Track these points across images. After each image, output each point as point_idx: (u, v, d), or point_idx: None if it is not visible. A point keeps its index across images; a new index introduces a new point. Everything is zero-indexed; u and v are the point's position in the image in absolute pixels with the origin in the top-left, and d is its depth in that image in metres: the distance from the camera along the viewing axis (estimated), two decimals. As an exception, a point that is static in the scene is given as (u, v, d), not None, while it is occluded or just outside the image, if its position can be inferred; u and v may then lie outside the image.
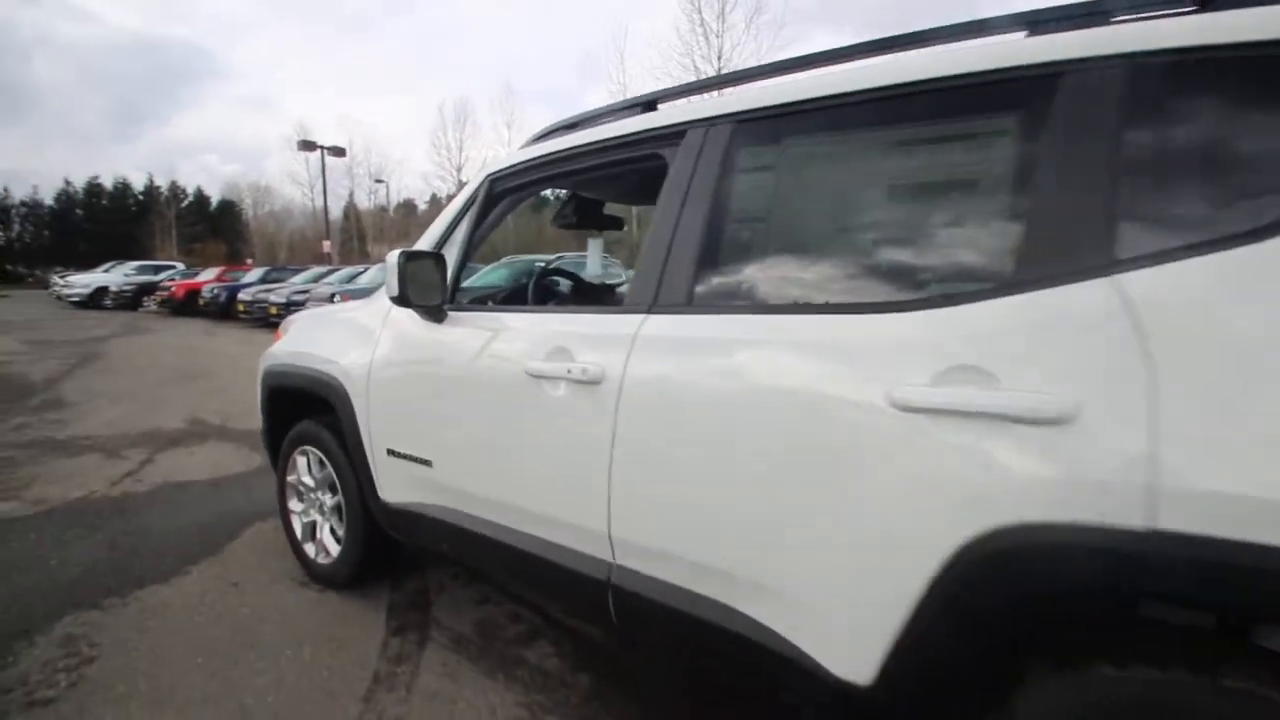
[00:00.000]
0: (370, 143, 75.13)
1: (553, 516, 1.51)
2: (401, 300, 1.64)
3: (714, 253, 1.34)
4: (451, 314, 1.78)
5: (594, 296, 2.44)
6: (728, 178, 1.33)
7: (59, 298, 21.18)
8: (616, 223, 2.52)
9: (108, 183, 52.80)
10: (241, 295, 14.00)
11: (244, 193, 50.90)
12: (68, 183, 51.81)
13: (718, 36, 19.44)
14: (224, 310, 14.75)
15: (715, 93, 1.43)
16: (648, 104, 1.58)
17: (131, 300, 19.04)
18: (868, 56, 1.23)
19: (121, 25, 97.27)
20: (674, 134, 1.43)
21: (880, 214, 1.21)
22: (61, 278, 22.43)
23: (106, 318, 15.89)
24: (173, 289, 16.96)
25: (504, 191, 1.83)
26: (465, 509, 1.75)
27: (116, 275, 20.67)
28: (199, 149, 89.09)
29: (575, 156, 1.65)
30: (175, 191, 51.64)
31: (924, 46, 1.17)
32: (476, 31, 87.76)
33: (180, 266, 22.30)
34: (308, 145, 23.82)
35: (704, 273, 1.33)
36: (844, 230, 1.24)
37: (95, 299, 19.44)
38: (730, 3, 19.18)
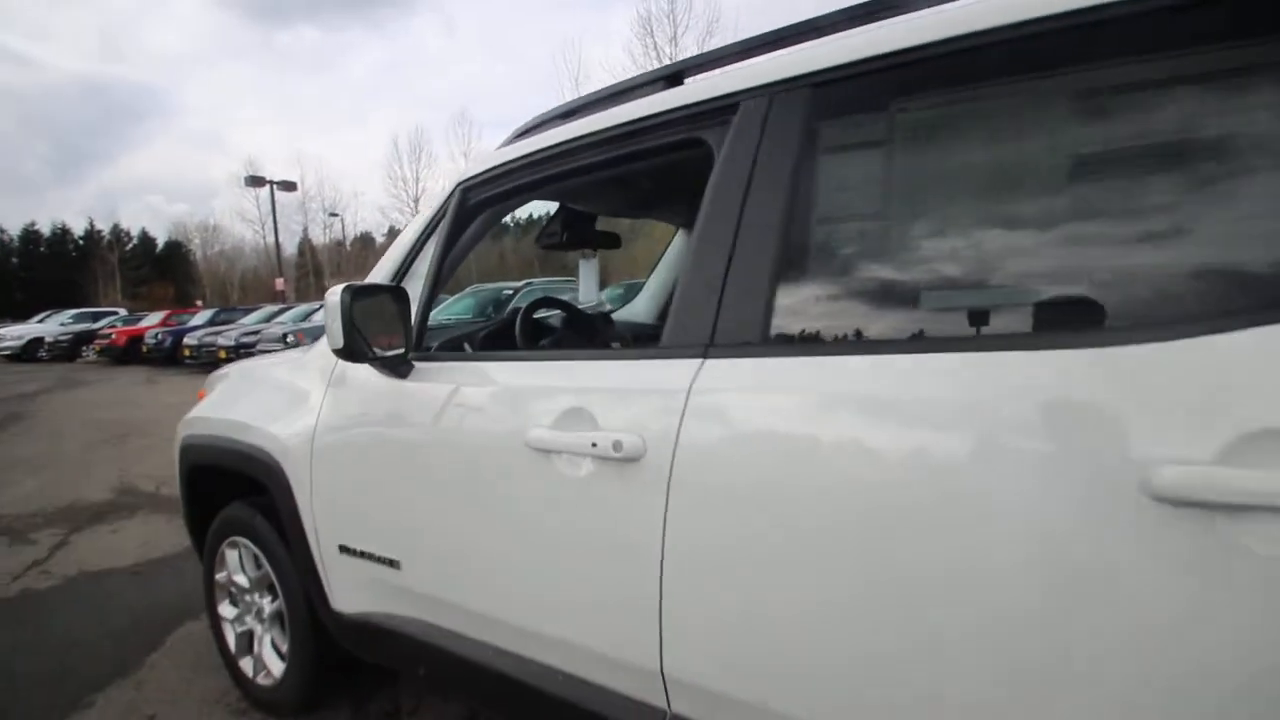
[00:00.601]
0: (323, 177, 73.63)
1: (576, 643, 1.08)
2: (350, 353, 1.21)
3: (800, 266, 0.95)
4: (419, 366, 1.35)
5: (595, 331, 2.02)
6: (812, 162, 0.95)
7: (-11, 352, 19.73)
8: (613, 240, 2.12)
9: (45, 229, 50.45)
10: (187, 340, 13.14)
11: (192, 233, 49.15)
12: (1, 231, 49.33)
13: (671, 60, 19.49)
14: (169, 356, 13.87)
15: (773, 54, 1.05)
16: (671, 77, 1.20)
17: (68, 351, 17.84)
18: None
19: (59, 67, 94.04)
20: (720, 110, 1.04)
21: (1075, 194, 0.82)
22: (-11, 330, 20.91)
23: (39, 371, 14.77)
24: (113, 336, 15.94)
25: (481, 203, 1.42)
26: (447, 624, 1.30)
27: (52, 325, 19.40)
28: (143, 189, 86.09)
29: (572, 153, 1.25)
30: (118, 235, 49.59)
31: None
32: (430, 62, 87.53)
33: (122, 312, 21.09)
34: (256, 181, 22.98)
35: (788, 296, 0.93)
36: (1013, 221, 0.86)
37: (29, 351, 18.17)
38: (682, 26, 19.29)
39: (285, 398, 1.63)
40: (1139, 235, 0.74)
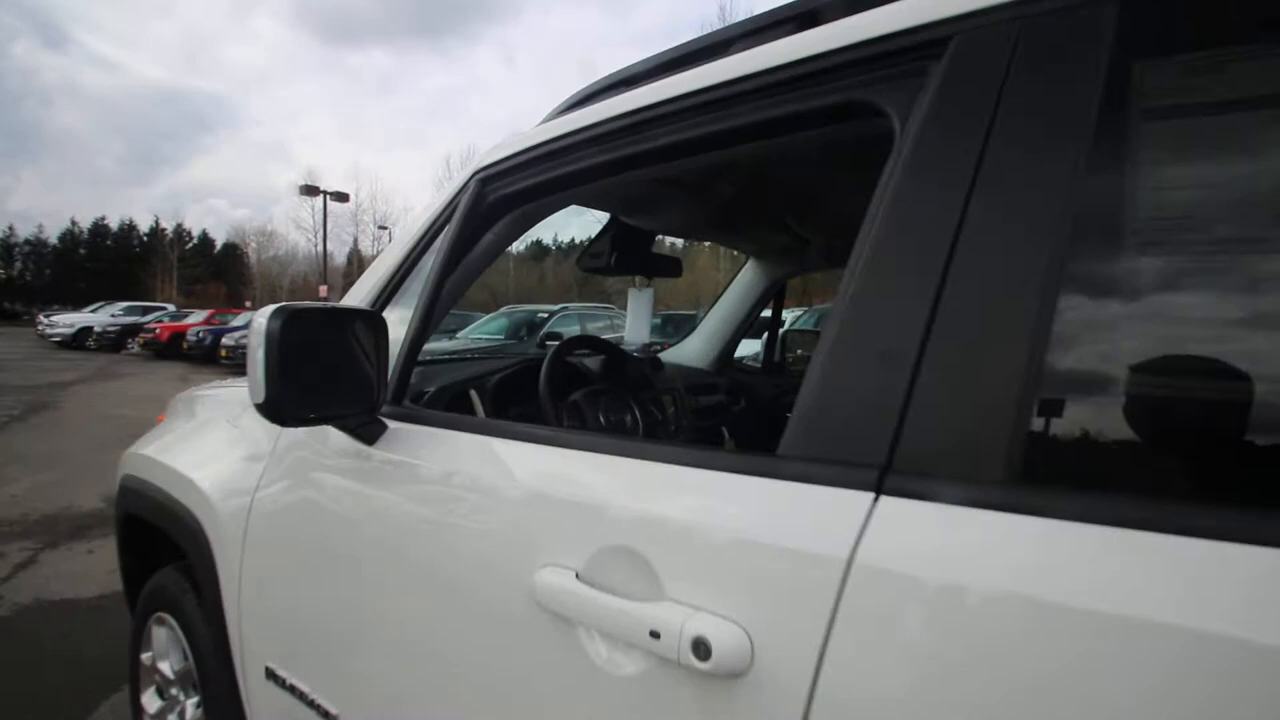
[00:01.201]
0: (376, 191, 75.80)
1: None
2: (275, 409, 0.79)
3: (1087, 337, 0.50)
4: (394, 427, 0.93)
5: (643, 382, 1.57)
6: (1120, 139, 0.49)
7: (42, 337, 20.39)
8: (673, 266, 1.69)
9: (114, 223, 53.04)
10: (225, 339, 13.21)
11: (249, 236, 51.03)
12: (73, 222, 52.10)
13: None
14: (208, 354, 13.97)
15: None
16: (805, 16, 0.76)
17: (115, 342, 18.24)
18: None
19: (143, 74, 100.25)
20: (911, 53, 0.60)
21: None
22: (46, 316, 21.66)
23: (83, 360, 15.03)
24: (157, 331, 16.21)
25: (505, 199, 1.00)
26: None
27: (102, 315, 19.94)
28: (210, 193, 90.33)
29: (634, 130, 0.83)
30: (180, 233, 51.78)
31: None
32: (488, 90, 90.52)
33: (170, 308, 21.62)
34: (310, 190, 23.56)
35: (1062, 395, 0.48)
36: None
37: (78, 339, 18.64)
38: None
39: (228, 443, 1.23)
40: None
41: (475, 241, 1.06)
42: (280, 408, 0.78)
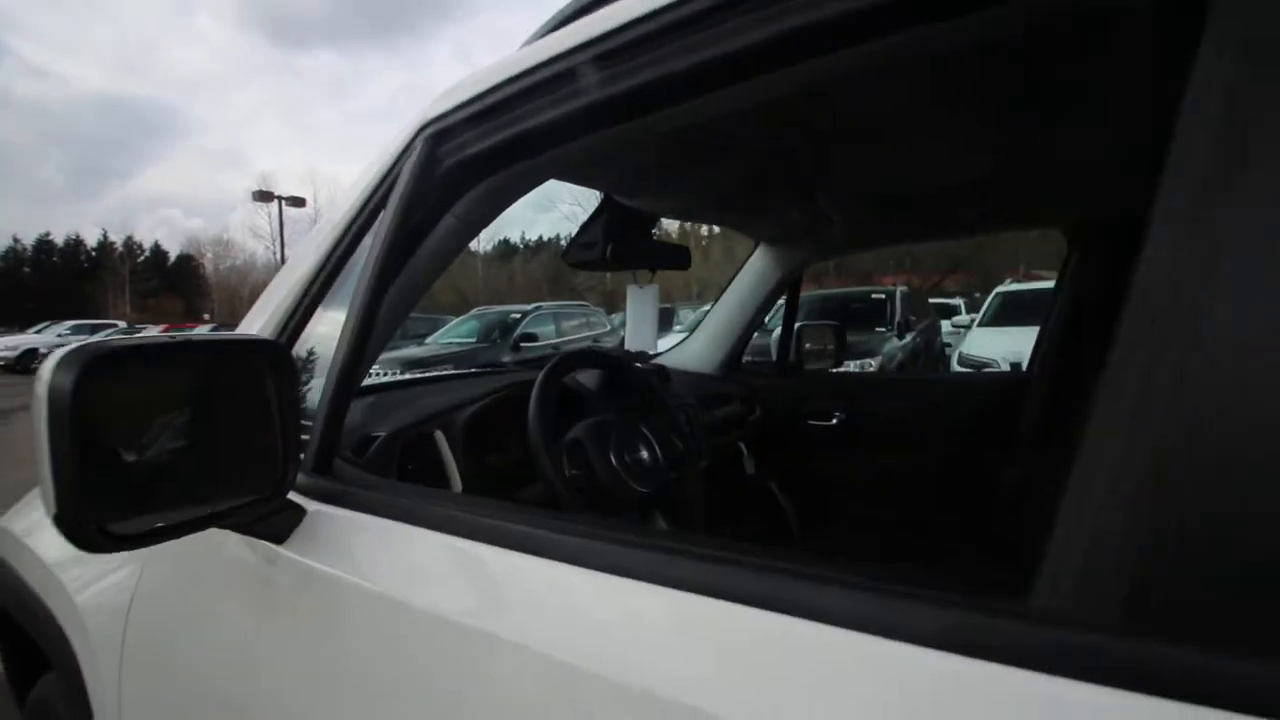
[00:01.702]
0: (335, 194, 74.06)
1: None
2: (73, 529, 0.46)
3: None
4: (316, 513, 0.62)
5: (654, 401, 1.25)
6: None
7: (-17, 362, 19.19)
8: (678, 256, 1.39)
9: (60, 239, 50.65)
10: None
11: (205, 247, 49.25)
12: (16, 240, 49.53)
13: None
14: (162, 373, 13.22)
15: None
16: None
17: (62, 364, 17.23)
18: None
19: (84, 82, 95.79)
20: None
21: None
22: (-15, 339, 20.40)
23: (28, 384, 14.11)
24: (107, 351, 15.33)
25: (465, 164, 0.68)
26: None
27: (48, 336, 18.85)
28: (161, 203, 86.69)
29: (656, 40, 0.52)
30: (130, 247, 49.61)
31: None
32: (443, 85, 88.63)
33: (121, 325, 20.58)
34: (264, 196, 22.64)
35: None
36: None
37: (23, 362, 17.57)
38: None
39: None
40: None
41: (429, 227, 0.74)
42: (81, 524, 0.46)
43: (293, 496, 0.66)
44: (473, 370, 1.41)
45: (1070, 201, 1.43)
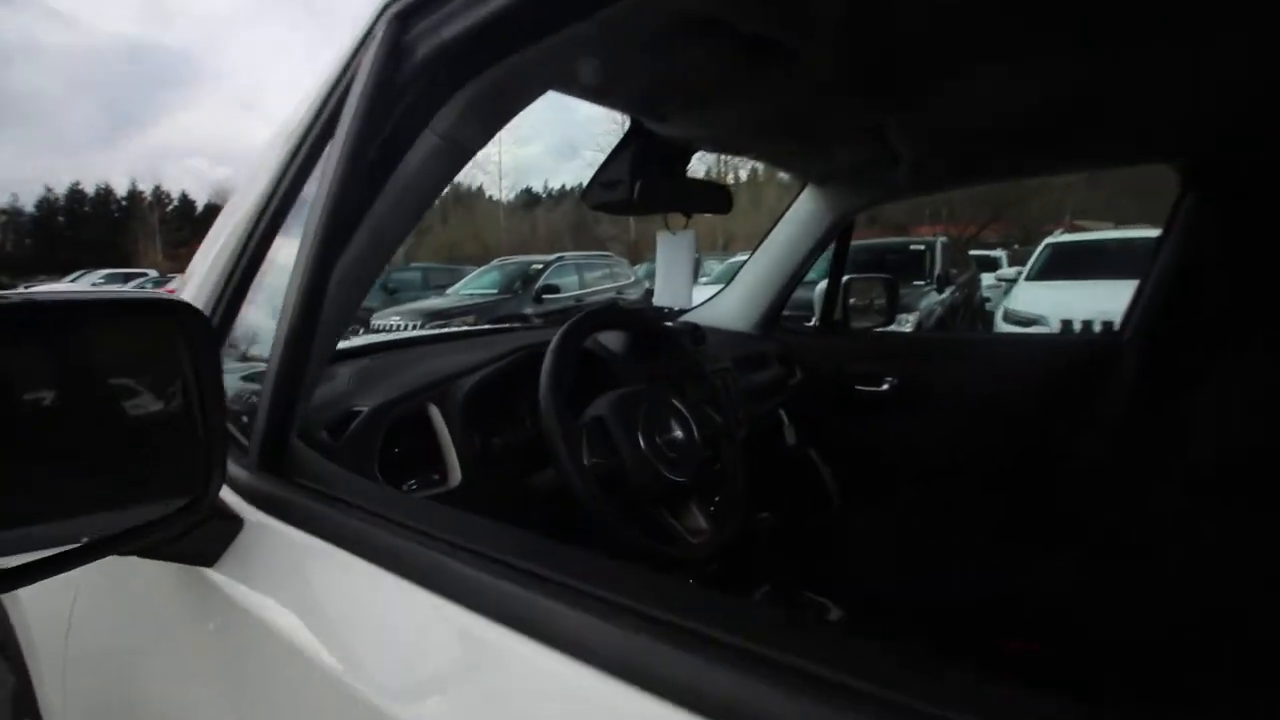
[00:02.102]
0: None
1: None
2: None
3: None
4: (257, 526, 0.47)
5: (687, 365, 1.07)
6: None
7: (23, 311, 19.64)
8: (718, 198, 1.18)
9: (90, 189, 51.30)
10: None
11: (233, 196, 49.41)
12: (49, 190, 50.32)
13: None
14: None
15: None
16: None
17: (97, 312, 17.63)
18: None
19: (107, 29, 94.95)
20: None
21: None
22: (25, 288, 20.91)
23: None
24: (138, 300, 15.60)
25: (445, 51, 0.49)
26: None
27: (83, 285, 19.25)
28: (187, 152, 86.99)
29: None
30: (159, 196, 50.10)
31: None
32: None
33: (153, 274, 20.87)
34: (287, 142, 22.36)
35: None
36: None
37: (60, 311, 18.02)
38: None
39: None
40: None
41: (403, 144, 0.56)
42: None
43: (230, 500, 0.51)
44: (480, 328, 1.24)
45: (1195, 136, 1.18)
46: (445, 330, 1.20)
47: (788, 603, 1.14)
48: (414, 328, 6.23)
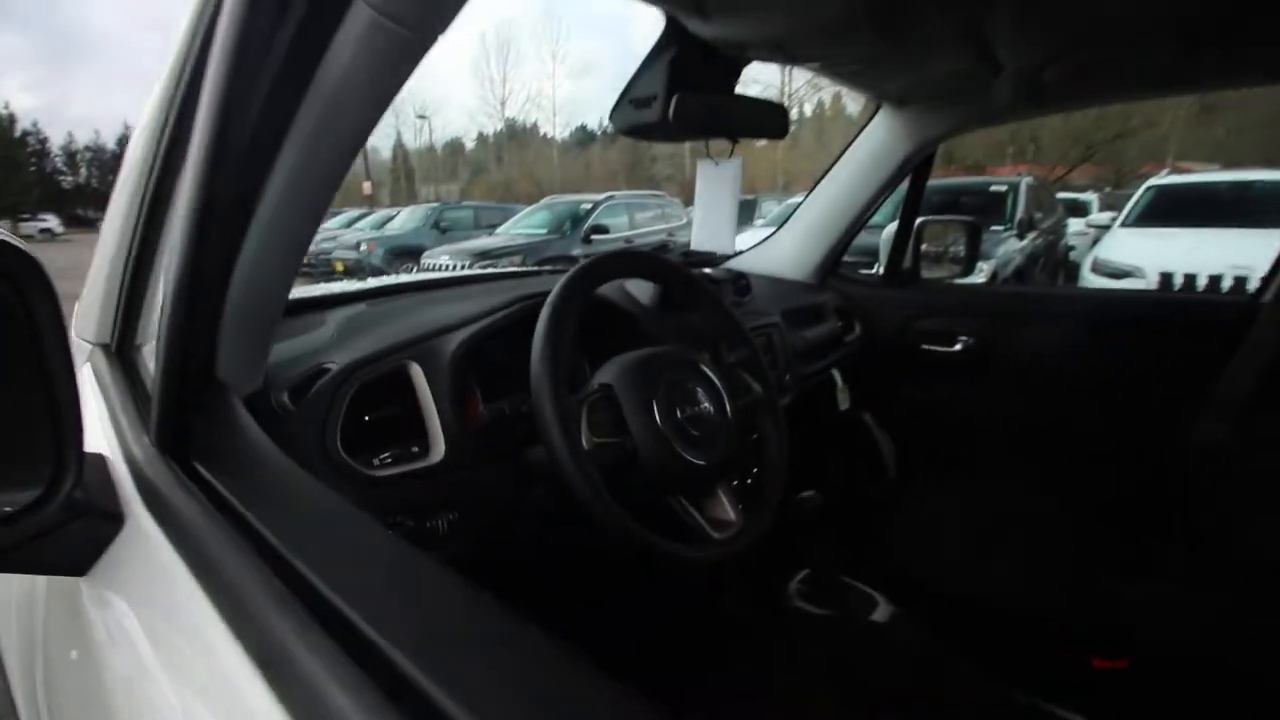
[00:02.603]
0: (414, 78, 72.60)
1: None
2: None
3: None
4: (140, 527, 0.35)
5: (728, 324, 0.90)
6: None
7: (110, 243, 20.85)
8: (772, 118, 0.98)
9: (164, 126, 53.37)
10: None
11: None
12: (126, 125, 52.55)
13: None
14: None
15: None
16: None
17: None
18: None
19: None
20: None
21: None
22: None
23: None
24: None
25: None
26: None
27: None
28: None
29: None
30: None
31: None
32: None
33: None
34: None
35: None
36: None
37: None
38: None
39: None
40: None
41: (327, 26, 0.41)
42: None
43: (124, 491, 0.40)
44: (490, 272, 1.10)
45: None
46: (448, 275, 1.06)
47: (827, 592, 1.00)
48: (462, 268, 6.20)
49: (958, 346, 1.44)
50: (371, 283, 1.01)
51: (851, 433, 1.61)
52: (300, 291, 0.93)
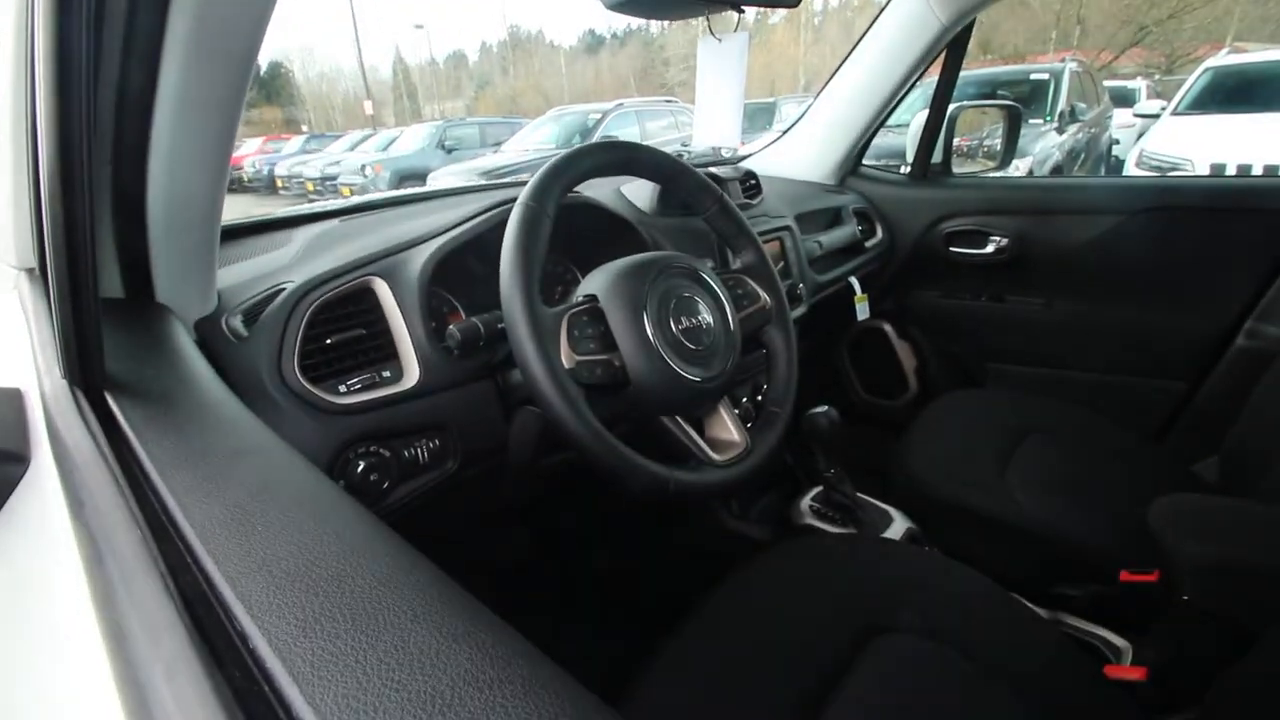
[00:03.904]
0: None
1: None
2: None
3: None
4: (44, 466, 0.30)
5: (728, 240, 0.79)
6: None
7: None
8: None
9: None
10: (277, 169, 12.77)
11: (292, 54, 48.31)
12: None
13: None
14: (269, 185, 13.69)
15: None
16: None
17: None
18: None
19: None
20: None
21: None
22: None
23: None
24: (215, 164, 15.97)
25: None
26: None
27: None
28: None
29: None
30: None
31: None
32: None
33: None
34: (335, -14, 21.08)
35: None
36: None
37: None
38: None
39: None
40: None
41: None
42: None
43: (35, 426, 0.35)
44: (468, 185, 1.01)
45: None
46: (433, 189, 0.97)
47: (842, 509, 0.96)
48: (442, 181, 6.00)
49: (990, 249, 1.33)
50: (348, 200, 0.93)
51: (870, 345, 1.53)
52: (271, 211, 0.86)
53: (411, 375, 0.61)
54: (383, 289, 0.62)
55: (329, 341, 0.58)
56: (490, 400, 0.66)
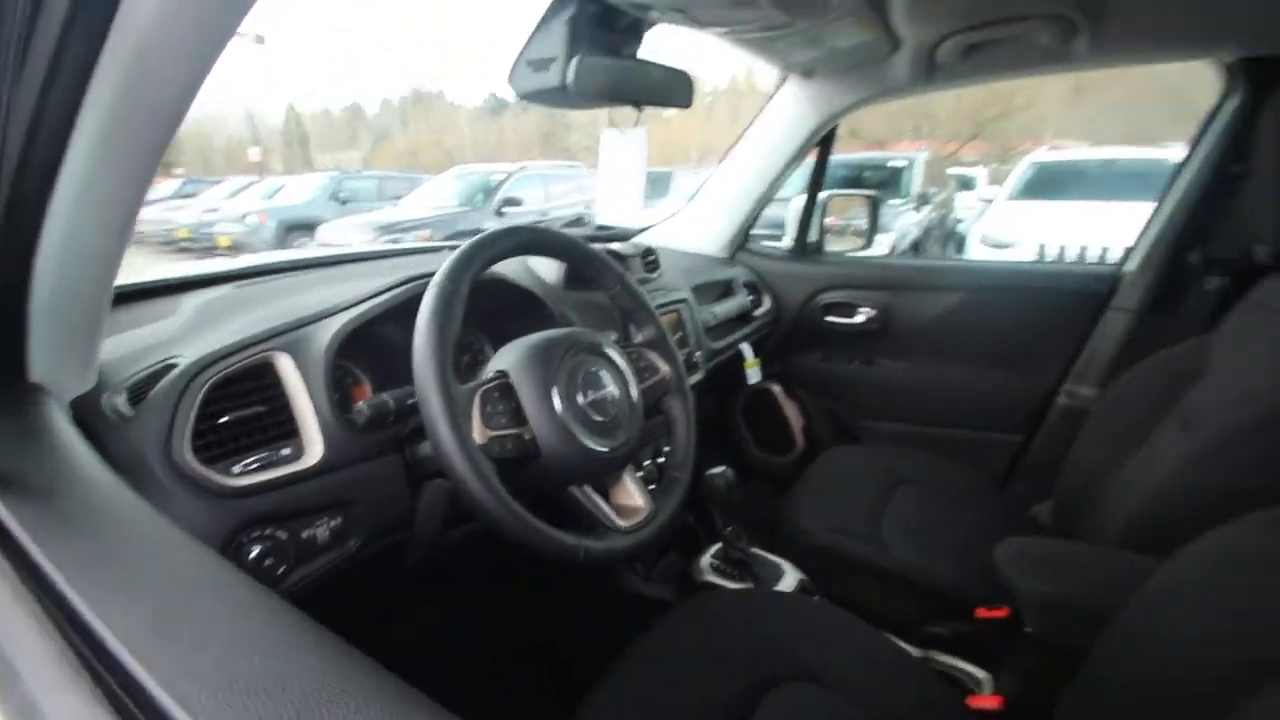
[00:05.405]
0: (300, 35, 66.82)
1: None
2: None
3: None
4: None
5: (632, 311, 0.85)
6: None
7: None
8: (677, 86, 0.94)
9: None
10: (147, 214, 11.76)
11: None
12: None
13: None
14: (136, 232, 12.52)
15: None
16: None
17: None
18: None
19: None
20: None
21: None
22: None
23: None
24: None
25: None
26: None
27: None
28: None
29: None
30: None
31: None
32: (421, -99, 76.96)
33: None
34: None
35: None
36: None
37: None
38: None
39: None
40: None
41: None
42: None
43: None
44: (375, 250, 1.02)
45: (1249, 26, 0.98)
46: (332, 254, 0.97)
47: (738, 565, 1.02)
48: (365, 244, 5.82)
49: (860, 318, 1.49)
50: (240, 262, 0.91)
51: (761, 405, 1.64)
52: (154, 273, 0.82)
53: (314, 452, 0.60)
54: (286, 364, 0.61)
55: (224, 420, 0.56)
56: (396, 474, 0.66)
